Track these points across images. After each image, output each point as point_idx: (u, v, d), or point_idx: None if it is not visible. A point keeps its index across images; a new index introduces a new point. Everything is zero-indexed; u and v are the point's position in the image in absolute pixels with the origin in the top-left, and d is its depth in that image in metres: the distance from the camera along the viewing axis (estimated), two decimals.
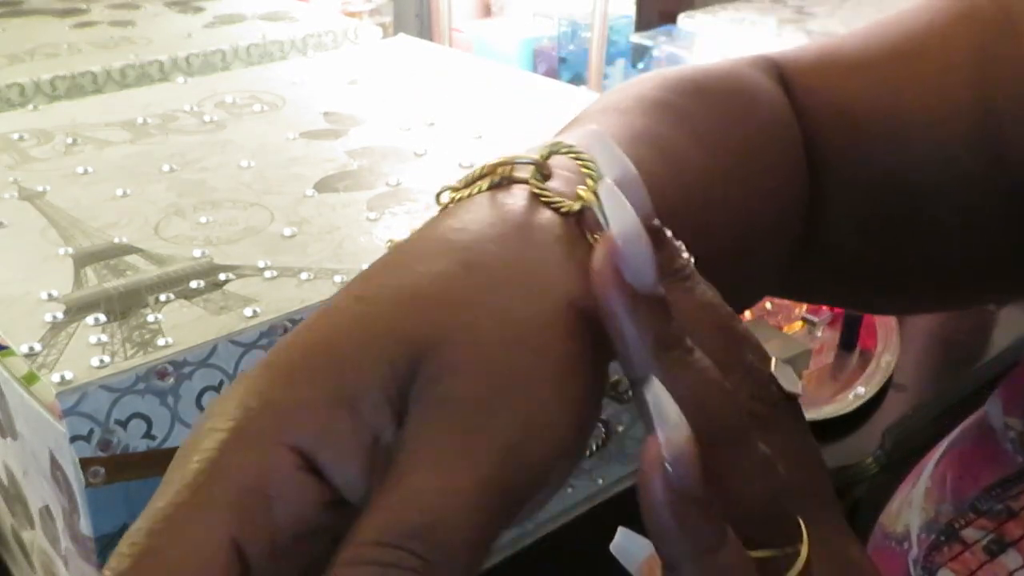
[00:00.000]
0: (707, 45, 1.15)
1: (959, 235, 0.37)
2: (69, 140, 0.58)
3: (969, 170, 0.35)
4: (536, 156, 0.24)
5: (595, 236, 0.22)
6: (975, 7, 0.36)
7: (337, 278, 0.43)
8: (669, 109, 0.33)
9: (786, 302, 0.79)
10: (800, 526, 0.21)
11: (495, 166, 0.24)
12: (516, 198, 0.23)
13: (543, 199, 0.23)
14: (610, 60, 1.33)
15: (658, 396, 0.19)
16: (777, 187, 0.35)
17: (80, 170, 0.54)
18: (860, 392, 0.68)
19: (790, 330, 0.78)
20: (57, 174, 0.54)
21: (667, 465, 0.18)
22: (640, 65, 1.31)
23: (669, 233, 0.23)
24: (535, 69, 1.45)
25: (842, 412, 0.66)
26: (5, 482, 0.46)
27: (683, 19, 1.24)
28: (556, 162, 0.25)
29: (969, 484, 0.50)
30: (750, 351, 0.22)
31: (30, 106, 0.66)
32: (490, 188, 0.24)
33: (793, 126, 0.37)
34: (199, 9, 0.89)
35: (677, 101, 0.33)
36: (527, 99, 0.66)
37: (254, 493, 0.19)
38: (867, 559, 0.23)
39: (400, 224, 0.48)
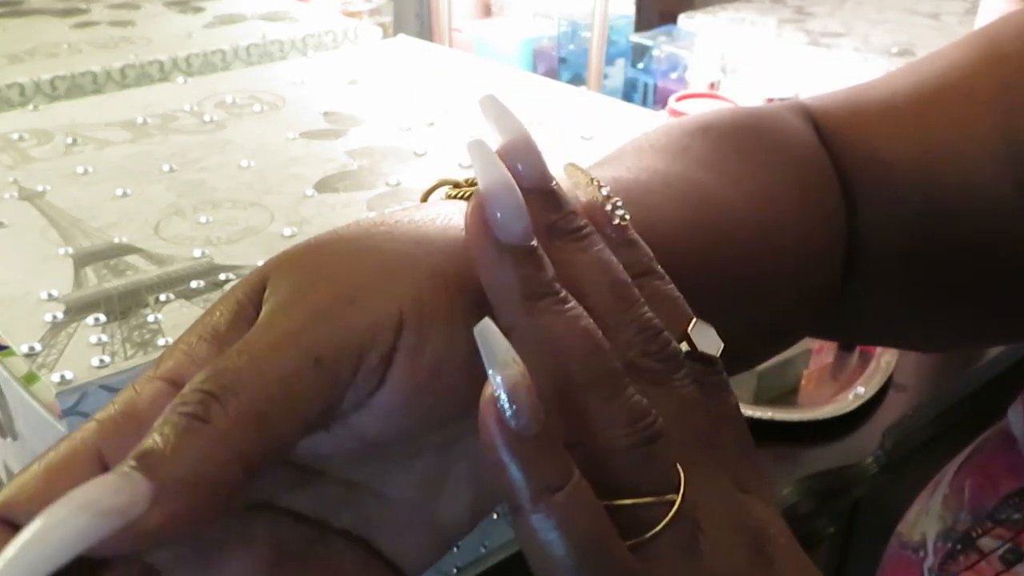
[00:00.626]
0: (707, 45, 1.15)
1: (998, 260, 0.37)
2: (69, 140, 0.58)
3: (997, 197, 0.36)
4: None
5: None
6: (996, 46, 0.36)
7: None
8: (705, 149, 0.33)
9: None
10: (680, 476, 0.21)
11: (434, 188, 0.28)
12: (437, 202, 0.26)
13: (449, 195, 0.26)
14: (610, 60, 1.33)
15: (487, 335, 0.19)
16: (816, 225, 0.35)
17: (80, 170, 0.54)
18: (860, 392, 0.68)
19: None
20: (57, 174, 0.54)
21: (503, 404, 0.19)
22: (640, 65, 1.31)
23: (599, 195, 0.24)
24: (535, 69, 1.45)
25: (842, 412, 0.66)
26: (5, 482, 0.46)
27: (683, 19, 1.24)
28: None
29: (989, 493, 0.49)
30: (652, 310, 0.22)
31: (30, 106, 0.66)
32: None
33: (828, 167, 0.37)
34: (199, 9, 0.89)
35: (713, 143, 0.33)
36: (527, 99, 0.66)
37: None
38: (775, 521, 0.22)
39: None
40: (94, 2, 0.91)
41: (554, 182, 0.23)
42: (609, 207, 0.24)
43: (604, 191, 0.24)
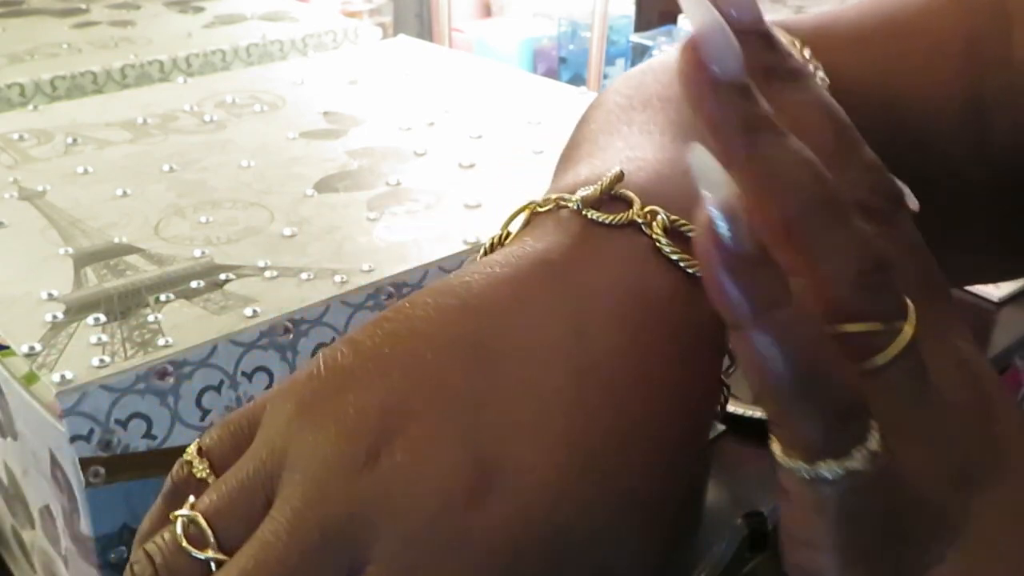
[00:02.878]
0: None
1: (944, 221, 0.38)
2: (69, 140, 0.58)
3: (954, 157, 0.36)
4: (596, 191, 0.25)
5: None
6: None
7: (337, 278, 0.43)
8: None
9: None
10: (908, 305, 0.20)
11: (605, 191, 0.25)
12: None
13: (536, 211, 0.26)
14: (610, 60, 1.33)
15: (702, 159, 0.19)
16: None
17: (80, 170, 0.54)
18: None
19: None
20: (57, 174, 0.54)
21: (719, 225, 0.18)
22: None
23: (786, 38, 0.23)
24: (535, 69, 1.45)
25: None
26: (5, 482, 0.46)
27: (683, 19, 1.24)
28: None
29: None
30: (867, 154, 0.22)
31: (30, 106, 0.66)
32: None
33: None
34: (199, 9, 0.89)
35: None
36: (527, 99, 0.66)
37: None
38: (983, 359, 0.22)
39: (400, 224, 0.48)
40: (94, 2, 0.91)
41: (769, 25, 0.22)
42: (812, 67, 0.24)
43: (807, 52, 0.24)
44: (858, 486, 0.19)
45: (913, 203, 0.22)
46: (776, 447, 0.20)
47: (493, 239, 0.27)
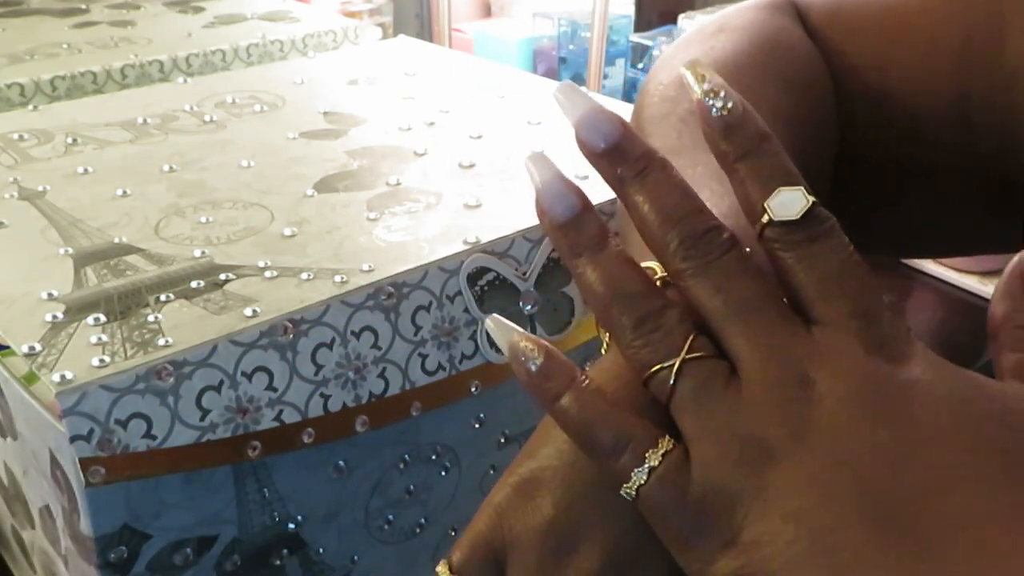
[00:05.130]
0: None
1: (935, 204, 0.39)
2: (69, 140, 0.58)
3: (943, 150, 0.37)
4: None
5: None
6: None
7: (337, 278, 0.43)
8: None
9: None
10: (682, 339, 0.25)
11: None
12: None
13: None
14: (610, 60, 1.33)
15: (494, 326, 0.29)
16: (828, 121, 0.38)
17: (80, 170, 0.54)
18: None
19: None
20: (57, 174, 0.54)
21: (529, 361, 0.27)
22: (640, 65, 1.31)
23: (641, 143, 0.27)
24: (535, 69, 1.45)
25: None
26: (5, 482, 0.46)
27: (683, 19, 1.24)
28: None
29: None
30: (748, 189, 0.25)
31: (30, 106, 0.66)
32: None
33: (826, 77, 0.39)
34: (199, 9, 0.89)
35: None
36: (527, 99, 0.66)
37: None
38: (831, 361, 0.24)
39: (400, 224, 0.48)
40: (94, 2, 0.91)
41: (620, 136, 0.27)
42: (708, 100, 0.26)
43: (705, 86, 0.26)
44: (653, 495, 0.24)
45: (792, 211, 0.25)
46: None
47: None
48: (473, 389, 0.47)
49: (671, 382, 0.24)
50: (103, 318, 0.39)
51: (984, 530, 0.21)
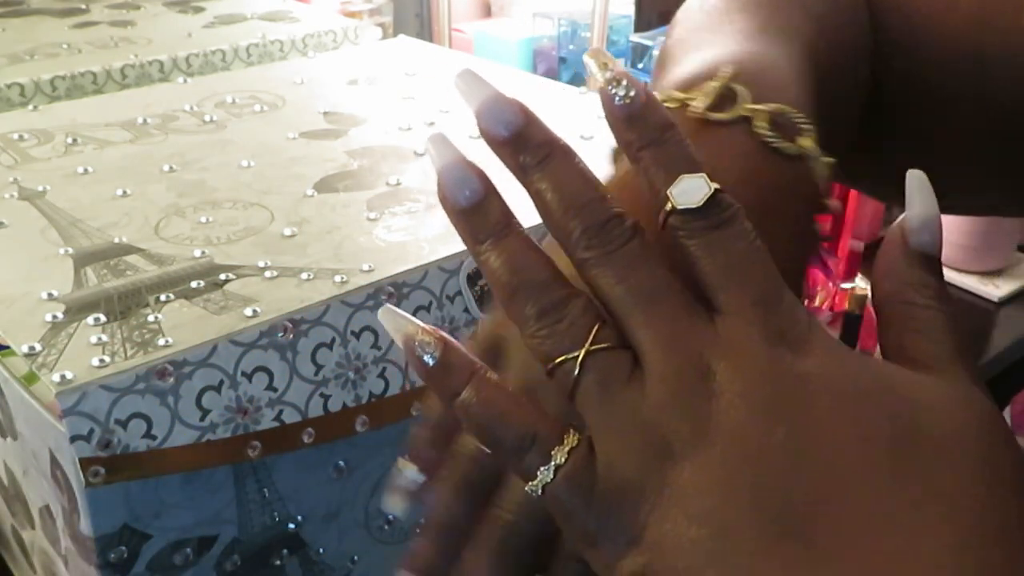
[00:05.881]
0: None
1: (951, 158, 0.39)
2: (69, 140, 0.58)
3: (960, 102, 0.37)
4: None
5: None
6: None
7: (337, 278, 0.43)
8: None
9: None
10: (585, 332, 0.24)
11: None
12: None
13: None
14: None
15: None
16: (860, 42, 0.37)
17: (80, 170, 0.54)
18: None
19: None
20: (57, 174, 0.54)
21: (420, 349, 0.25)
22: (640, 65, 1.31)
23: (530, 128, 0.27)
24: (535, 69, 1.45)
25: None
26: (5, 482, 0.46)
27: None
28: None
29: None
30: (653, 176, 0.25)
31: (30, 106, 0.66)
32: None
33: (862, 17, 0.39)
34: (199, 9, 0.89)
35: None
36: (527, 99, 0.66)
37: None
38: (735, 350, 0.24)
39: (400, 224, 0.48)
40: (94, 2, 0.91)
41: (522, 123, 0.27)
42: (611, 89, 0.26)
43: (607, 74, 0.26)
44: (559, 493, 0.24)
45: (694, 198, 0.25)
46: None
47: None
48: None
49: (575, 374, 0.24)
50: (103, 318, 0.39)
51: (877, 535, 0.21)
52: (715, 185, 0.24)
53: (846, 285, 0.82)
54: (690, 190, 0.24)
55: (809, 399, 0.23)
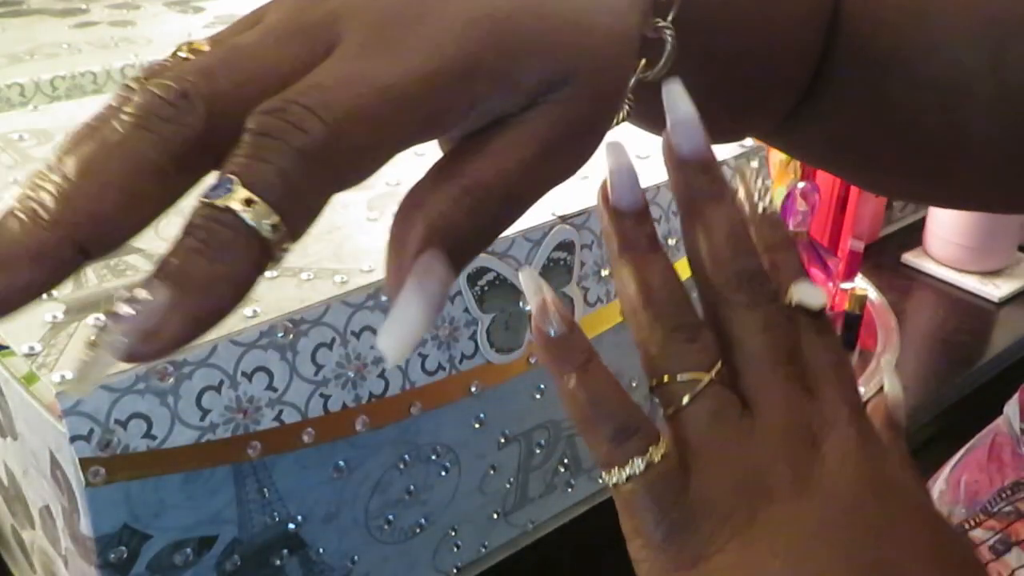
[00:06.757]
0: None
1: (943, 135, 0.38)
2: None
3: (969, 72, 0.37)
4: None
5: None
6: None
7: (337, 278, 0.43)
8: None
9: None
10: (712, 362, 0.26)
11: None
12: None
13: None
14: None
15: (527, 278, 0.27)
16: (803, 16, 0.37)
17: None
18: (860, 392, 0.68)
19: None
20: None
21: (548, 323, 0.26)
22: None
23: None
24: None
25: None
26: (5, 482, 0.46)
27: None
28: None
29: (984, 487, 0.50)
30: (771, 271, 0.28)
31: (30, 106, 0.66)
32: None
33: None
34: (199, 9, 0.89)
35: None
36: None
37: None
38: (839, 426, 0.26)
39: None
40: (94, 2, 0.91)
41: (707, 154, 0.28)
42: (761, 208, 0.29)
43: (761, 205, 0.29)
44: (641, 488, 0.25)
45: (814, 301, 0.27)
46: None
47: None
48: (473, 389, 0.47)
49: (686, 397, 0.25)
50: (103, 318, 0.39)
51: None
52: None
53: (846, 285, 0.82)
54: (812, 294, 0.27)
55: (895, 489, 0.26)
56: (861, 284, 0.86)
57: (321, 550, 0.45)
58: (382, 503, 0.46)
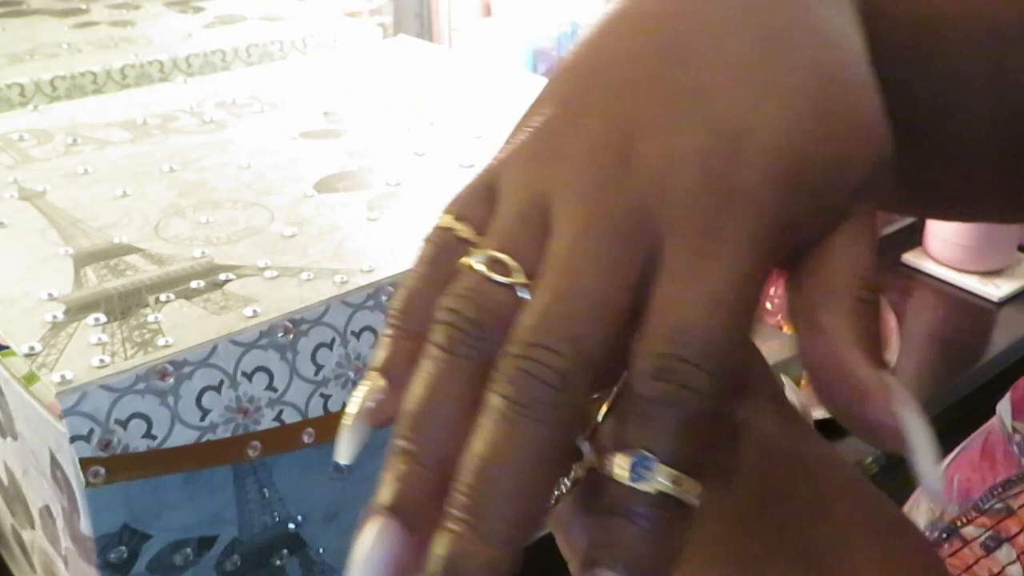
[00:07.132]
0: None
1: (939, 145, 0.38)
2: (69, 140, 0.58)
3: (967, 81, 0.36)
4: None
5: None
6: None
7: (337, 278, 0.43)
8: None
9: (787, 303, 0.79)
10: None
11: None
12: None
13: None
14: None
15: None
16: None
17: (80, 170, 0.54)
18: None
19: (791, 330, 0.78)
20: (57, 174, 0.54)
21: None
22: None
23: None
24: (535, 69, 1.45)
25: None
26: (5, 482, 0.46)
27: None
28: None
29: (976, 485, 0.50)
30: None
31: (30, 106, 0.66)
32: None
33: None
34: (199, 9, 0.89)
35: None
36: (527, 99, 0.66)
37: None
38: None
39: (401, 224, 0.48)
40: (94, 2, 0.91)
41: None
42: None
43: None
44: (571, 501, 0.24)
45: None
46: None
47: None
48: None
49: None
50: (103, 318, 0.39)
51: None
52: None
53: None
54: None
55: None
56: None
57: (321, 550, 0.45)
58: None
